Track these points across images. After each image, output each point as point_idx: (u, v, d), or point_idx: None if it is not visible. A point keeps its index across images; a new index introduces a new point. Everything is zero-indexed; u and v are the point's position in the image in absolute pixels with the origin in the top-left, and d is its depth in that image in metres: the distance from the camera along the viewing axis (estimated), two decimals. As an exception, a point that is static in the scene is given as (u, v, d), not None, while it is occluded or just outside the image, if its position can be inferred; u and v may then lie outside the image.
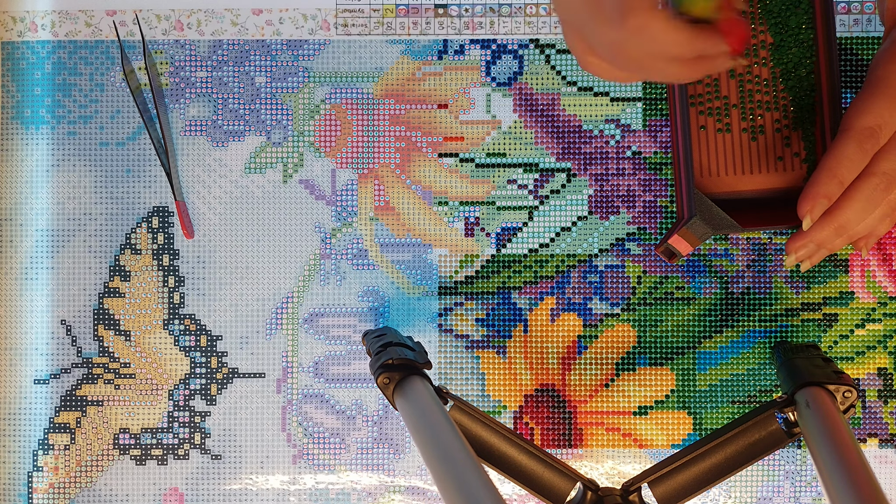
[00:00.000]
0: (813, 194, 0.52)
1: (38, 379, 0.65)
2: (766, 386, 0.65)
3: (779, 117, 0.59)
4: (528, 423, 0.65)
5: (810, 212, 0.53)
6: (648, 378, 0.65)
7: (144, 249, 0.65)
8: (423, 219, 0.65)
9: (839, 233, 0.53)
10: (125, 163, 0.65)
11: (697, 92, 0.59)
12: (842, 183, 0.52)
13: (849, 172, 0.52)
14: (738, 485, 0.65)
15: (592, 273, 0.65)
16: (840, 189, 0.52)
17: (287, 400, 0.65)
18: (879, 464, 0.65)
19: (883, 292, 0.65)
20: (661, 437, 0.65)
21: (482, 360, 0.65)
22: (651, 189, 0.65)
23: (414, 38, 0.65)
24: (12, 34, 0.65)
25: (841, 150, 0.52)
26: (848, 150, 0.51)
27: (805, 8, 0.59)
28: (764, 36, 0.59)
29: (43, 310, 0.65)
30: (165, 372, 0.65)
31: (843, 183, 0.52)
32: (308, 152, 0.65)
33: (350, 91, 0.65)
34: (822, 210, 0.53)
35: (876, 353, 0.65)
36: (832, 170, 0.52)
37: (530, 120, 0.65)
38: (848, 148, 0.51)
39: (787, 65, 0.59)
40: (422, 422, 0.51)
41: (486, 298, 0.65)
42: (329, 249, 0.65)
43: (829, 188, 0.52)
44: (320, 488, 0.65)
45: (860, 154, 0.51)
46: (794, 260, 0.55)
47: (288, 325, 0.65)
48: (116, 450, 0.65)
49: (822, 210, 0.53)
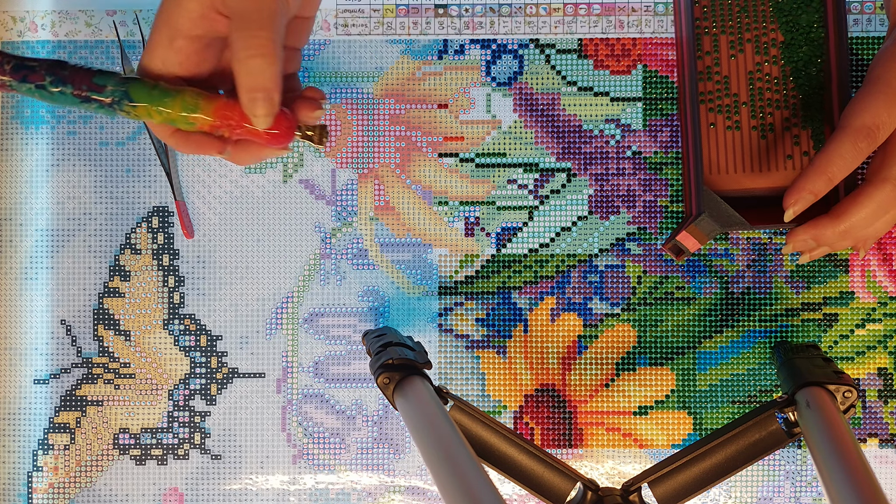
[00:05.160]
0: (799, 188, 0.52)
1: (38, 379, 0.65)
2: (766, 386, 0.65)
3: (788, 115, 0.59)
4: (528, 423, 0.65)
5: (793, 205, 0.52)
6: (648, 378, 0.65)
7: (144, 249, 0.65)
8: (423, 219, 0.65)
9: (845, 236, 0.53)
10: (125, 163, 0.65)
11: (708, 89, 0.59)
12: (830, 181, 0.51)
13: (839, 171, 0.51)
14: (738, 485, 0.65)
15: (592, 273, 0.65)
16: (828, 186, 0.52)
17: (287, 400, 0.65)
18: (879, 464, 0.65)
19: (883, 292, 0.65)
20: (661, 437, 0.65)
21: (482, 360, 0.65)
22: (651, 189, 0.65)
23: (414, 38, 0.65)
24: (12, 34, 0.65)
25: (834, 148, 0.51)
26: (841, 149, 0.51)
27: (816, 6, 0.59)
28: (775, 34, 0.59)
29: (43, 310, 0.65)
30: (165, 372, 0.65)
31: (831, 181, 0.51)
32: (308, 152, 0.65)
33: (350, 91, 0.65)
34: (806, 205, 0.52)
35: (876, 353, 0.65)
36: (822, 167, 0.51)
37: (530, 120, 0.65)
38: (842, 146, 0.51)
39: (798, 63, 0.59)
40: (422, 422, 0.51)
41: (486, 298, 0.65)
42: (329, 249, 0.65)
43: (816, 185, 0.51)
44: (320, 488, 0.65)
45: (853, 153, 0.51)
46: (791, 248, 0.55)
47: (288, 325, 0.65)
48: (116, 450, 0.65)
49: (806, 205, 0.52)
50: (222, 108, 0.47)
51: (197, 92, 0.48)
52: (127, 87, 0.47)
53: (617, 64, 0.65)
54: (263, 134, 0.48)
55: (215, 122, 0.47)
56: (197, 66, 0.48)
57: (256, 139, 0.48)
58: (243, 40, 0.45)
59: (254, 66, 0.45)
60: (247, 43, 0.45)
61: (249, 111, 0.47)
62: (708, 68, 0.60)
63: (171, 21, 0.47)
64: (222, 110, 0.47)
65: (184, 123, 0.48)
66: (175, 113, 0.47)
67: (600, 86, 0.65)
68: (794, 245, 0.55)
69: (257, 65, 0.45)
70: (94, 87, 0.47)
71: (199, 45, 0.48)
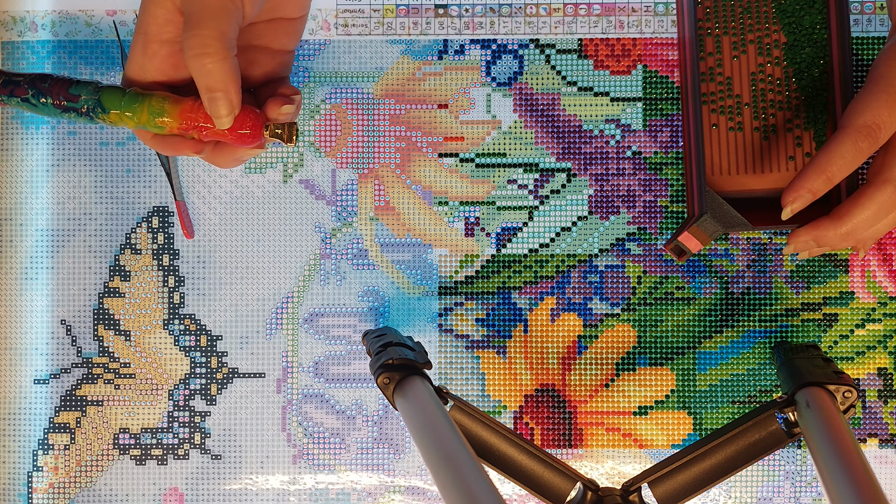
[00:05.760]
0: (798, 187, 0.52)
1: (38, 379, 0.65)
2: (766, 386, 0.65)
3: (791, 117, 0.59)
4: (528, 423, 0.65)
5: (791, 203, 0.52)
6: (648, 378, 0.65)
7: (144, 249, 0.65)
8: (423, 219, 0.65)
9: (846, 238, 0.53)
10: (125, 163, 0.65)
11: (710, 90, 0.59)
12: (830, 180, 0.51)
13: (839, 170, 0.51)
14: (738, 485, 0.65)
15: (592, 273, 0.65)
16: (827, 186, 0.51)
17: (287, 400, 0.65)
18: (879, 464, 0.65)
19: (883, 292, 0.65)
20: (661, 437, 0.65)
21: (482, 360, 0.65)
22: (651, 189, 0.65)
23: (414, 38, 0.65)
24: (12, 34, 0.65)
25: (835, 147, 0.51)
26: (842, 148, 0.50)
27: (819, 8, 0.59)
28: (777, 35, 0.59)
29: (43, 310, 0.65)
30: (165, 372, 0.65)
31: (831, 180, 0.51)
32: (308, 152, 0.65)
33: (350, 91, 0.65)
34: (804, 204, 0.52)
35: (876, 353, 0.65)
36: (822, 166, 0.51)
37: (530, 120, 0.65)
38: (842, 146, 0.50)
39: (801, 64, 0.59)
40: (422, 422, 0.51)
41: (486, 298, 0.65)
42: (329, 249, 0.65)
43: (815, 184, 0.51)
44: (320, 488, 0.65)
45: (854, 152, 0.50)
46: (792, 249, 0.55)
47: (288, 325, 0.65)
48: (116, 450, 0.65)
49: (804, 204, 0.52)
50: (187, 111, 0.48)
51: (164, 96, 0.49)
52: (99, 95, 0.49)
53: (617, 64, 0.65)
54: (230, 134, 0.49)
55: (182, 124, 0.49)
56: (174, 69, 0.49)
57: (225, 139, 0.49)
58: (189, 39, 0.46)
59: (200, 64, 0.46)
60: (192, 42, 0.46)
61: (210, 111, 0.47)
62: (710, 69, 0.60)
63: (143, 27, 0.48)
64: (187, 113, 0.48)
65: (154, 127, 0.49)
66: (144, 117, 0.49)
67: (600, 86, 0.65)
68: (794, 246, 0.55)
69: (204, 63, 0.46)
70: (70, 97, 0.49)
71: (170, 48, 0.49)
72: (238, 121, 0.49)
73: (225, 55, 0.46)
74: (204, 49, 0.46)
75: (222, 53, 0.46)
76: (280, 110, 0.50)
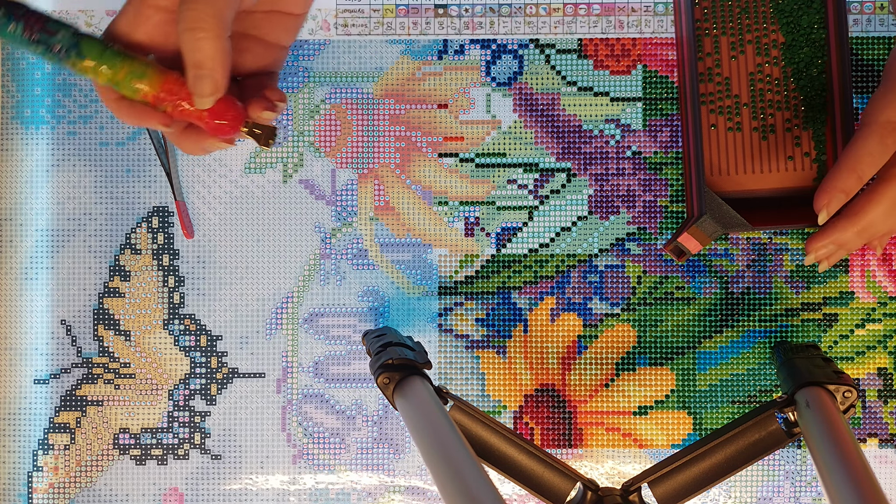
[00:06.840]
0: (830, 188, 0.51)
1: (38, 379, 0.65)
2: (766, 386, 0.65)
3: (789, 116, 0.59)
4: (528, 423, 0.65)
5: (826, 206, 0.52)
6: (648, 378, 0.65)
7: (144, 249, 0.65)
8: (423, 219, 0.65)
9: (862, 235, 0.53)
10: (125, 163, 0.65)
11: (709, 90, 0.59)
12: (861, 178, 0.51)
13: (869, 168, 0.50)
14: (738, 485, 0.65)
15: (592, 273, 0.65)
16: (859, 184, 0.51)
17: (287, 400, 0.65)
18: (879, 464, 0.65)
19: (883, 292, 0.65)
20: (661, 437, 0.65)
21: (482, 360, 0.65)
22: (651, 189, 0.65)
23: (414, 38, 0.65)
24: (12, 34, 0.65)
25: (861, 145, 0.50)
26: (869, 145, 0.50)
27: (817, 7, 0.59)
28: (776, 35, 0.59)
29: (43, 310, 0.65)
30: (165, 372, 0.65)
31: (861, 178, 0.51)
32: (308, 152, 0.65)
33: (350, 91, 0.65)
34: (838, 205, 0.52)
35: (876, 353, 0.65)
36: (852, 164, 0.50)
37: (530, 120, 0.65)
38: (869, 143, 0.50)
39: (799, 64, 0.59)
40: (422, 422, 0.51)
41: (486, 298, 0.65)
42: (329, 249, 0.65)
43: (847, 183, 0.51)
44: (320, 488, 0.65)
45: (881, 149, 0.50)
46: (814, 259, 0.55)
47: (288, 325, 0.65)
48: (116, 450, 0.65)
49: (838, 205, 0.52)
50: (170, 83, 0.47)
51: (148, 62, 0.47)
52: (79, 39, 0.47)
53: (617, 64, 0.65)
54: (206, 118, 0.48)
55: (160, 94, 0.47)
56: (163, 38, 0.48)
57: (200, 122, 0.48)
58: (185, 12, 0.45)
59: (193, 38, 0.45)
60: (187, 15, 0.45)
61: (192, 87, 0.46)
62: (709, 69, 0.60)
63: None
64: (169, 84, 0.47)
65: (128, 89, 0.47)
66: (120, 76, 0.47)
67: (600, 86, 0.65)
68: (815, 255, 0.54)
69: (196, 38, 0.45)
70: (47, 30, 0.47)
71: (164, 16, 0.47)
72: (219, 110, 0.48)
73: (218, 33, 0.45)
74: (198, 24, 0.45)
75: (216, 31, 0.45)
76: (261, 114, 0.49)
